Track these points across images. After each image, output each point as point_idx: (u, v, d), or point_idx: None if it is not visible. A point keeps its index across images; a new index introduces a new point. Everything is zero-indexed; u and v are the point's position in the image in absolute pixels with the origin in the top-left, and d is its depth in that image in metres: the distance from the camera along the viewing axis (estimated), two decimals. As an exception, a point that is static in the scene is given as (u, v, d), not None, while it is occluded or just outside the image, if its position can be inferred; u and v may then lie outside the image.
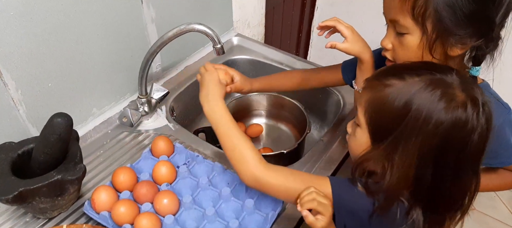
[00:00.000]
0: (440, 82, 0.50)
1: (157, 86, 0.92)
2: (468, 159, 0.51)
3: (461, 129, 0.49)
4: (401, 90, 0.51)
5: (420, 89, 0.50)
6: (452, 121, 0.48)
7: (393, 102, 0.51)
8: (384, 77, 0.54)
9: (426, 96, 0.49)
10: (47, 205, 0.65)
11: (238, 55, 1.14)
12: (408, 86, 0.51)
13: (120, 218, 0.65)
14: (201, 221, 0.67)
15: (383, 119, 0.53)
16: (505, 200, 1.63)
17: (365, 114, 0.55)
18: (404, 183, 0.52)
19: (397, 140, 0.51)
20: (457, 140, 0.49)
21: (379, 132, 0.54)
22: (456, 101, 0.49)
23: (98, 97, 0.85)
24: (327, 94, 1.03)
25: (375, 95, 0.53)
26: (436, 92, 0.49)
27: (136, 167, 0.76)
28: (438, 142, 0.49)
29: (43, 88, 0.73)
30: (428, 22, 0.57)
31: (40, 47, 0.69)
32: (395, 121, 0.51)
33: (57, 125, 0.61)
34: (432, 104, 0.49)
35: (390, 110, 0.51)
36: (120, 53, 0.85)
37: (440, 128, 0.48)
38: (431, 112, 0.49)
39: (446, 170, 0.51)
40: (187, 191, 0.72)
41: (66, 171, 0.63)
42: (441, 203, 0.54)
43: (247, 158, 0.60)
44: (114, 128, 0.87)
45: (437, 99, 0.49)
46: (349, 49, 0.69)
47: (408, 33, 0.59)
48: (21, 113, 0.71)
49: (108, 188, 0.69)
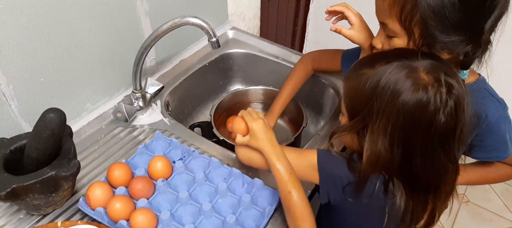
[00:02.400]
0: (405, 66, 0.52)
1: (151, 81, 0.91)
2: (436, 139, 0.53)
3: (424, 109, 0.51)
4: (371, 76, 0.54)
5: (386, 73, 0.53)
6: (414, 101, 0.51)
7: (363, 87, 0.54)
8: (359, 68, 0.57)
9: (391, 78, 0.52)
10: (41, 202, 0.64)
11: (234, 49, 1.13)
12: (380, 70, 0.54)
13: (116, 214, 0.64)
14: (198, 217, 0.67)
15: (355, 103, 0.57)
16: (499, 192, 1.65)
17: (344, 103, 0.59)
18: (376, 161, 0.55)
19: (366, 119, 0.55)
20: (421, 120, 0.52)
21: (353, 115, 0.57)
22: (418, 84, 0.51)
23: (92, 92, 0.84)
24: (323, 88, 1.03)
25: (350, 84, 0.58)
26: (400, 74, 0.52)
27: (131, 163, 0.75)
28: (404, 121, 0.52)
29: (35, 83, 0.72)
30: (415, 28, 0.57)
31: (31, 41, 0.67)
32: (366, 103, 0.54)
33: (49, 121, 0.60)
34: (396, 86, 0.51)
35: (361, 94, 0.55)
36: (113, 47, 0.84)
37: (403, 108, 0.51)
38: (396, 93, 0.51)
39: (414, 150, 0.54)
40: (184, 187, 0.72)
41: (60, 167, 0.62)
42: (415, 182, 0.56)
43: None
44: (108, 123, 0.86)
45: (402, 81, 0.51)
46: (354, 36, 0.69)
47: (396, 37, 0.60)
48: (13, 108, 0.70)
49: (103, 184, 0.68)
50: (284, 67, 1.08)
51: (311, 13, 1.76)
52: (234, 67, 1.15)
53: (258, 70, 1.13)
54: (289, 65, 1.07)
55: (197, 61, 1.06)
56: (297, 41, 1.84)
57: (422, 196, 0.57)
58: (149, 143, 0.79)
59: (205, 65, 1.06)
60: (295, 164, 0.63)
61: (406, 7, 0.56)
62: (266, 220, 0.66)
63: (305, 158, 0.63)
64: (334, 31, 0.69)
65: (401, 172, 0.55)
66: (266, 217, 0.66)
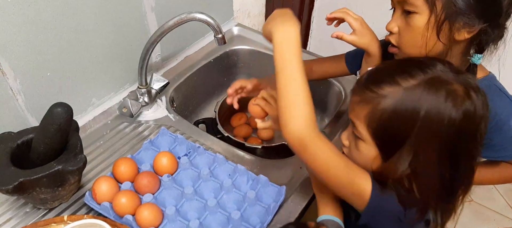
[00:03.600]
0: (438, 81, 0.49)
1: (157, 77, 0.91)
2: (477, 146, 0.52)
3: (472, 119, 0.49)
4: (403, 99, 0.49)
5: (422, 94, 0.48)
6: (463, 115, 0.48)
7: (398, 113, 0.49)
8: (377, 86, 0.51)
9: (432, 99, 0.48)
10: (47, 196, 0.64)
11: (239, 46, 1.13)
12: (408, 93, 0.49)
13: (122, 209, 0.64)
14: (203, 212, 0.67)
15: (391, 132, 0.51)
16: (503, 192, 1.64)
17: (368, 129, 0.53)
18: (433, 188, 0.51)
19: (412, 149, 0.50)
20: (469, 131, 0.50)
21: (388, 145, 0.52)
22: (461, 96, 0.49)
23: (98, 87, 0.84)
24: (328, 85, 1.03)
25: (374, 108, 0.51)
26: (440, 93, 0.48)
27: (136, 158, 0.75)
28: (453, 139, 0.49)
29: (42, 78, 0.72)
30: (438, 0, 0.56)
31: (38, 36, 0.68)
32: (406, 131, 0.49)
33: (57, 115, 0.60)
34: (441, 106, 0.48)
35: (397, 122, 0.50)
36: (119, 42, 0.84)
37: (453, 125, 0.48)
38: (442, 114, 0.48)
39: (460, 164, 0.51)
40: (189, 182, 0.72)
41: (67, 161, 0.62)
42: (453, 196, 0.54)
43: (302, 114, 0.52)
44: (114, 118, 0.87)
45: (443, 100, 0.48)
46: (357, 41, 0.68)
47: (416, 12, 0.59)
48: (20, 103, 0.70)
49: (109, 178, 0.69)
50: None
51: (315, 11, 1.75)
52: (239, 64, 1.15)
53: (263, 67, 1.13)
54: (294, 62, 1.07)
55: (202, 57, 1.06)
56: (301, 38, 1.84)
57: (452, 206, 0.55)
58: (155, 139, 0.79)
59: (210, 62, 1.06)
60: (342, 182, 0.54)
61: None
62: (271, 216, 0.66)
63: (356, 184, 0.53)
64: (336, 38, 0.68)
65: (444, 191, 0.52)
66: (271, 214, 0.66)
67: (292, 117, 0.52)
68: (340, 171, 0.53)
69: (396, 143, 0.51)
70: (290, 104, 0.53)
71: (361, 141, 0.55)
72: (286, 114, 0.53)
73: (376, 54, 0.70)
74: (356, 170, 0.54)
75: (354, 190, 0.54)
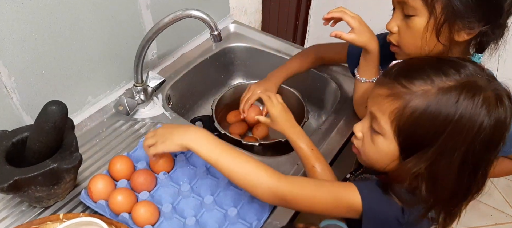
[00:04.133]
0: (474, 86, 0.48)
1: (153, 74, 0.90)
2: (497, 152, 0.51)
3: (502, 127, 0.48)
4: (438, 100, 0.48)
5: (458, 98, 0.47)
6: (494, 122, 0.48)
7: (430, 114, 0.48)
8: (409, 81, 0.50)
9: (468, 104, 0.47)
10: (43, 194, 0.64)
11: (235, 43, 1.12)
12: (443, 95, 0.48)
13: (118, 206, 0.64)
14: (200, 210, 0.67)
15: (419, 132, 0.49)
16: (500, 187, 1.65)
17: (392, 124, 0.51)
18: (447, 191, 0.50)
19: (437, 152, 0.49)
20: (497, 139, 0.49)
21: (412, 144, 0.51)
22: (494, 104, 0.48)
23: (93, 85, 0.84)
24: (325, 83, 1.03)
25: (405, 105, 0.49)
26: (477, 100, 0.47)
27: (133, 156, 0.75)
28: (480, 147, 0.48)
29: (36, 76, 0.71)
30: (437, 3, 0.56)
31: (32, 34, 0.67)
32: (435, 133, 0.48)
33: (51, 113, 0.60)
34: (476, 112, 0.47)
35: (428, 122, 0.48)
36: (114, 40, 0.83)
37: (483, 133, 0.47)
38: (475, 121, 0.47)
39: (480, 170, 0.50)
40: (185, 180, 0.72)
41: (62, 159, 0.62)
42: (463, 199, 0.53)
43: (260, 177, 0.55)
44: (109, 116, 0.86)
45: (479, 107, 0.47)
46: (355, 40, 0.68)
47: (416, 15, 0.59)
48: (15, 101, 0.70)
49: (105, 176, 0.68)
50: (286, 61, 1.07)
51: (312, 8, 1.75)
52: (235, 62, 1.15)
53: (259, 65, 1.13)
54: (290, 59, 1.07)
55: (198, 55, 1.05)
56: (298, 36, 1.83)
57: (459, 208, 0.54)
58: (151, 136, 0.79)
59: (206, 59, 1.06)
60: (330, 206, 0.54)
61: None
62: (268, 213, 0.66)
63: (343, 200, 0.54)
64: (335, 37, 0.68)
65: (457, 194, 0.52)
66: (268, 211, 0.66)
67: (255, 185, 0.56)
68: (326, 195, 0.55)
69: (422, 143, 0.49)
70: (245, 178, 0.56)
71: (380, 135, 0.53)
72: (249, 187, 0.57)
73: (374, 51, 0.70)
74: (338, 187, 0.56)
75: (345, 206, 0.54)
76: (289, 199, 0.55)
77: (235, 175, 0.57)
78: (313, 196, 0.55)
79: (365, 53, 0.71)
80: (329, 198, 0.54)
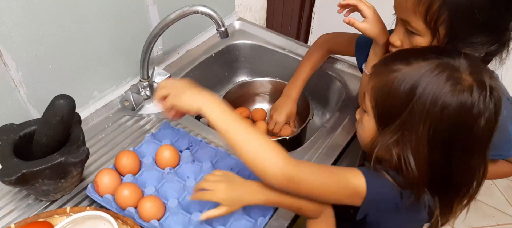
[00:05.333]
0: (446, 66, 0.50)
1: (158, 70, 0.91)
2: (475, 144, 0.51)
3: (467, 113, 0.49)
4: (407, 74, 0.50)
5: (425, 73, 0.49)
6: (458, 104, 0.48)
7: (398, 86, 0.51)
8: (392, 63, 0.53)
9: (432, 80, 0.49)
10: (50, 188, 0.64)
11: (240, 40, 1.12)
12: (414, 70, 0.50)
13: (124, 201, 0.64)
14: (205, 205, 0.67)
15: (388, 104, 0.52)
16: (502, 188, 1.65)
17: (371, 100, 0.55)
18: (423, 170, 0.51)
19: (404, 125, 0.51)
20: (463, 124, 0.49)
21: (385, 117, 0.54)
22: (462, 85, 0.48)
23: (99, 80, 0.84)
24: (330, 80, 1.03)
25: (381, 80, 0.53)
26: (442, 76, 0.49)
27: (138, 151, 0.75)
28: (445, 126, 0.49)
29: (44, 70, 0.72)
30: (441, 28, 0.56)
31: (40, 28, 0.67)
32: (401, 106, 0.51)
33: (59, 107, 0.60)
34: (438, 88, 0.48)
35: (395, 94, 0.51)
36: (121, 35, 0.84)
37: (446, 111, 0.48)
38: (437, 96, 0.48)
39: (454, 155, 0.51)
40: (191, 175, 0.72)
41: (69, 153, 0.62)
42: (450, 188, 0.54)
43: (273, 154, 0.53)
44: (115, 111, 0.87)
45: (443, 82, 0.48)
46: (368, 30, 0.68)
47: (418, 35, 0.59)
48: (22, 94, 0.70)
49: (111, 171, 0.69)
50: (291, 59, 1.08)
51: (316, 6, 1.75)
52: (240, 59, 1.15)
53: (264, 62, 1.13)
54: (295, 57, 1.07)
55: (203, 51, 1.06)
56: (302, 34, 1.83)
57: (451, 199, 0.55)
58: (157, 132, 0.79)
59: (211, 56, 1.06)
60: (334, 190, 0.54)
61: (433, 6, 0.54)
62: (273, 210, 0.67)
63: (347, 185, 0.54)
64: (348, 23, 0.67)
65: (438, 178, 0.53)
66: (273, 208, 0.67)
67: (266, 163, 0.52)
68: (332, 180, 0.54)
69: (391, 116, 0.52)
70: (256, 153, 0.53)
71: (366, 114, 0.56)
72: (259, 164, 0.53)
73: (384, 44, 0.70)
74: (344, 171, 0.55)
75: (350, 191, 0.54)
76: (297, 180, 0.53)
77: (245, 147, 0.53)
78: (321, 180, 0.54)
79: (375, 45, 0.71)
80: (336, 180, 0.54)
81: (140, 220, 0.63)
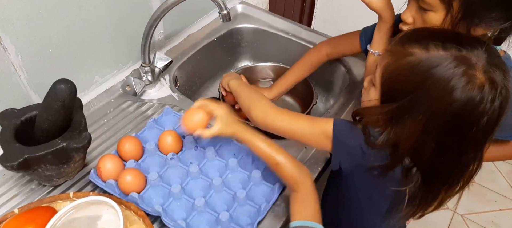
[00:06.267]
0: (464, 60, 0.48)
1: (160, 55, 0.89)
2: (472, 141, 0.51)
3: (472, 111, 0.48)
4: (423, 61, 0.50)
5: (442, 64, 0.48)
6: (465, 100, 0.47)
7: (412, 69, 0.50)
8: (408, 44, 0.52)
9: (446, 73, 0.48)
10: (52, 173, 0.64)
11: (242, 24, 1.10)
12: (430, 58, 0.49)
13: (127, 186, 0.64)
14: (208, 191, 0.67)
15: (397, 85, 0.53)
16: (505, 173, 1.65)
17: (381, 76, 0.55)
18: (403, 149, 0.52)
19: (405, 108, 0.51)
20: (465, 121, 0.49)
21: (390, 94, 0.54)
22: (474, 83, 0.47)
23: (100, 64, 0.83)
24: (334, 66, 1.01)
25: (395, 61, 0.53)
26: (457, 70, 0.47)
27: (141, 137, 0.74)
28: (446, 119, 0.49)
29: (44, 54, 0.70)
30: (455, 2, 0.55)
31: (39, 11, 0.66)
32: (409, 89, 0.51)
33: (60, 92, 0.60)
34: (450, 82, 0.47)
35: (406, 77, 0.51)
36: (122, 19, 0.82)
37: (452, 105, 0.48)
38: (447, 90, 0.48)
39: (448, 148, 0.51)
40: (194, 161, 0.72)
41: (71, 138, 0.62)
42: (438, 178, 0.54)
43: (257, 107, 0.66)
44: (117, 96, 0.86)
45: (457, 77, 0.47)
46: (373, 2, 0.66)
47: (432, 10, 0.58)
48: (22, 79, 0.69)
49: (114, 156, 0.68)
50: (294, 43, 1.06)
51: (320, -11, 1.72)
52: (242, 43, 1.13)
53: (267, 46, 1.11)
54: (299, 41, 1.05)
55: (205, 36, 1.04)
56: (305, 18, 1.80)
57: (437, 188, 0.55)
58: (159, 117, 0.78)
59: (213, 41, 1.04)
60: (307, 131, 0.62)
61: None
62: (276, 196, 0.66)
63: (318, 126, 0.61)
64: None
65: (427, 163, 0.53)
66: (276, 193, 0.66)
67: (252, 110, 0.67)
68: (303, 120, 0.62)
69: (396, 95, 0.52)
70: (248, 104, 0.68)
71: (373, 86, 0.57)
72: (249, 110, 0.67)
73: (389, 21, 0.68)
74: (317, 118, 0.63)
75: (318, 130, 0.60)
76: (270, 126, 0.64)
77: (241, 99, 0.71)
78: (292, 122, 0.63)
79: (379, 22, 0.70)
80: (307, 123, 0.62)
81: (143, 205, 0.63)
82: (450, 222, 1.50)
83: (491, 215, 1.52)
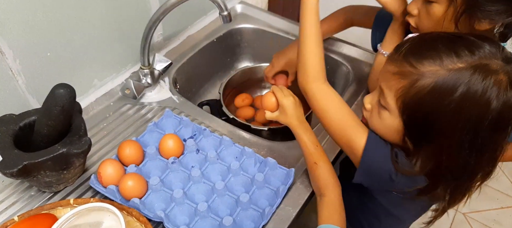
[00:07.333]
0: (485, 68, 0.46)
1: (159, 57, 0.88)
2: (506, 137, 0.50)
3: (508, 112, 0.47)
4: (444, 82, 0.47)
5: (467, 80, 0.46)
6: (501, 107, 0.47)
7: (434, 94, 0.47)
8: (417, 61, 0.49)
9: (477, 88, 0.46)
10: (52, 179, 0.63)
11: (242, 24, 1.09)
12: (451, 76, 0.46)
13: (128, 192, 0.63)
14: (211, 195, 0.66)
15: (423, 110, 0.49)
16: (507, 171, 1.64)
17: (397, 102, 0.51)
18: (446, 171, 0.51)
19: (442, 133, 0.49)
20: (502, 123, 0.48)
21: (417, 121, 0.51)
22: (505, 88, 0.46)
23: (99, 68, 0.82)
24: (336, 66, 1.00)
25: (411, 85, 0.49)
26: (487, 83, 0.46)
27: (141, 140, 0.74)
28: (486, 129, 0.47)
29: (42, 58, 0.69)
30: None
31: (37, 14, 0.65)
32: (437, 114, 0.48)
33: (59, 96, 0.59)
34: (485, 95, 0.46)
35: (431, 102, 0.48)
36: (120, 21, 0.81)
37: (491, 117, 0.47)
38: (483, 103, 0.46)
39: (484, 152, 0.50)
40: (195, 165, 0.71)
41: (71, 144, 0.61)
42: (467, 176, 0.53)
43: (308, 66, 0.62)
44: (116, 100, 0.85)
45: (488, 90, 0.46)
46: (388, 3, 0.66)
47: (436, 2, 0.57)
48: (20, 84, 0.68)
49: (114, 161, 0.67)
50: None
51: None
52: (242, 44, 1.12)
53: (267, 47, 1.10)
54: (299, 41, 1.04)
55: (204, 37, 1.03)
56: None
57: (466, 186, 0.54)
58: (159, 121, 0.77)
59: (212, 41, 1.03)
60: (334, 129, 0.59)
61: None
62: (280, 199, 0.66)
63: (354, 131, 0.57)
64: None
65: (459, 171, 0.52)
66: (280, 197, 0.66)
67: (301, 69, 0.63)
68: (338, 116, 0.58)
69: (425, 121, 0.49)
70: (300, 59, 0.63)
71: (386, 110, 0.54)
72: (298, 66, 0.63)
73: (404, 22, 0.67)
74: (352, 122, 0.57)
75: (346, 140, 0.57)
76: (312, 101, 0.61)
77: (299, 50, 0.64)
78: (330, 109, 0.59)
79: (394, 23, 0.69)
80: (339, 121, 0.58)
81: (145, 211, 0.62)
82: (452, 221, 1.49)
83: (494, 213, 1.52)
